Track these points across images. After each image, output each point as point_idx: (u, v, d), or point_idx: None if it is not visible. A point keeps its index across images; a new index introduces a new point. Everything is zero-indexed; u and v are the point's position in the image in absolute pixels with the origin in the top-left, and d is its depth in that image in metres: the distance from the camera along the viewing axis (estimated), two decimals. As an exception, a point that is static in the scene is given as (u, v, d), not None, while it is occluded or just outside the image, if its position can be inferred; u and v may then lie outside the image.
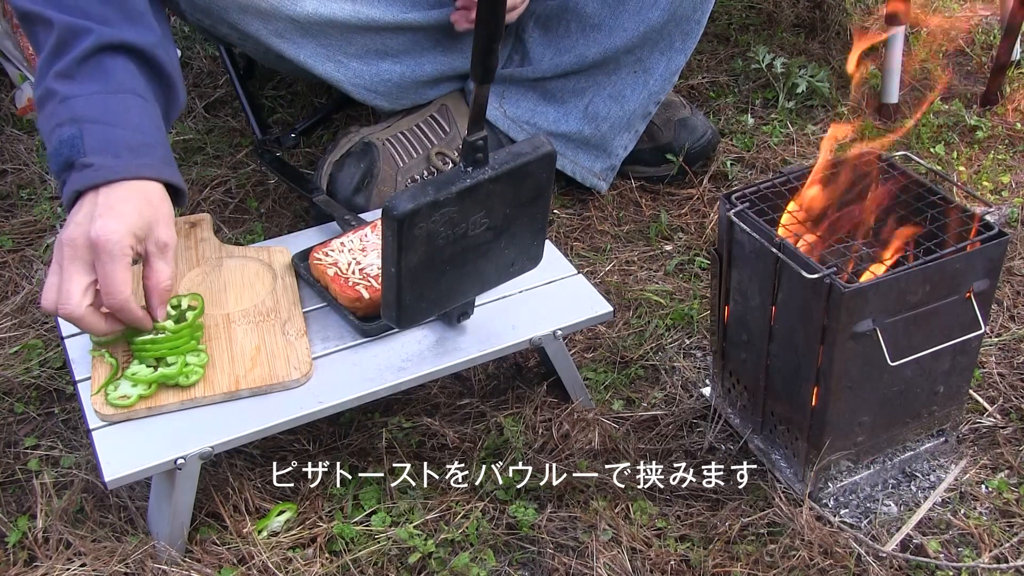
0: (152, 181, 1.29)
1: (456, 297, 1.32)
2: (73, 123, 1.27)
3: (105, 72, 1.31)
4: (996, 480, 1.40)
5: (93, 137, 1.27)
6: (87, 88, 1.29)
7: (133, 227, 1.24)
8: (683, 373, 1.58)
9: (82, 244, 1.22)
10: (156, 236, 1.27)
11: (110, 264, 1.22)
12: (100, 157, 1.26)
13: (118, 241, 1.22)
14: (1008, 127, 2.11)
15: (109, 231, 1.21)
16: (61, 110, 1.28)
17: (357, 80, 1.78)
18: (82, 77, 1.30)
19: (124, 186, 1.26)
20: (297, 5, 1.64)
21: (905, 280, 1.23)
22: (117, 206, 1.24)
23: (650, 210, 1.92)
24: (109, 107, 1.30)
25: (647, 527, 1.34)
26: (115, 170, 1.26)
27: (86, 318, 1.24)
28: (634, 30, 1.80)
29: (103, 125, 1.28)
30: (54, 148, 1.27)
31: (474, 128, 1.18)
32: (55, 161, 1.28)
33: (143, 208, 1.26)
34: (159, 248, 1.28)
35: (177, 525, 1.29)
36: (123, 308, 1.24)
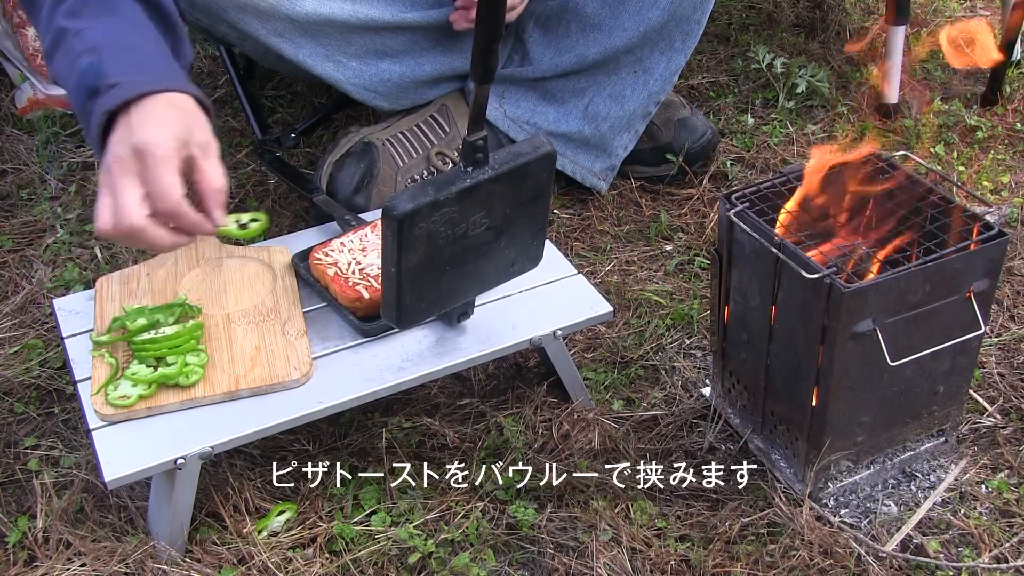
0: (181, 93, 1.24)
1: (456, 297, 1.32)
2: (91, 52, 1.23)
3: (114, 7, 1.29)
4: (996, 480, 1.40)
5: (114, 60, 1.23)
6: (100, 21, 1.26)
7: (175, 131, 1.20)
8: (683, 373, 1.58)
9: (128, 156, 1.18)
10: (197, 139, 1.22)
11: (155, 168, 1.17)
12: (126, 76, 1.22)
13: (161, 143, 1.18)
14: (1008, 127, 2.11)
15: (151, 135, 1.17)
16: (76, 43, 1.25)
17: (357, 80, 1.78)
18: (91, 12, 1.27)
19: (155, 99, 1.22)
20: (296, 4, 1.64)
21: (905, 280, 1.23)
22: (154, 114, 1.20)
23: (650, 210, 1.92)
24: (124, 34, 1.27)
25: (647, 527, 1.34)
26: (144, 84, 1.22)
27: (147, 229, 1.18)
28: (634, 30, 1.80)
29: (122, 49, 1.25)
30: (76, 81, 1.24)
31: (474, 128, 1.18)
32: (78, 94, 1.24)
33: (179, 114, 1.22)
34: (203, 150, 1.22)
35: (177, 525, 1.29)
36: (176, 211, 1.19)
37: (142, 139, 1.17)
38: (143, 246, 1.21)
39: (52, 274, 1.78)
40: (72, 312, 1.44)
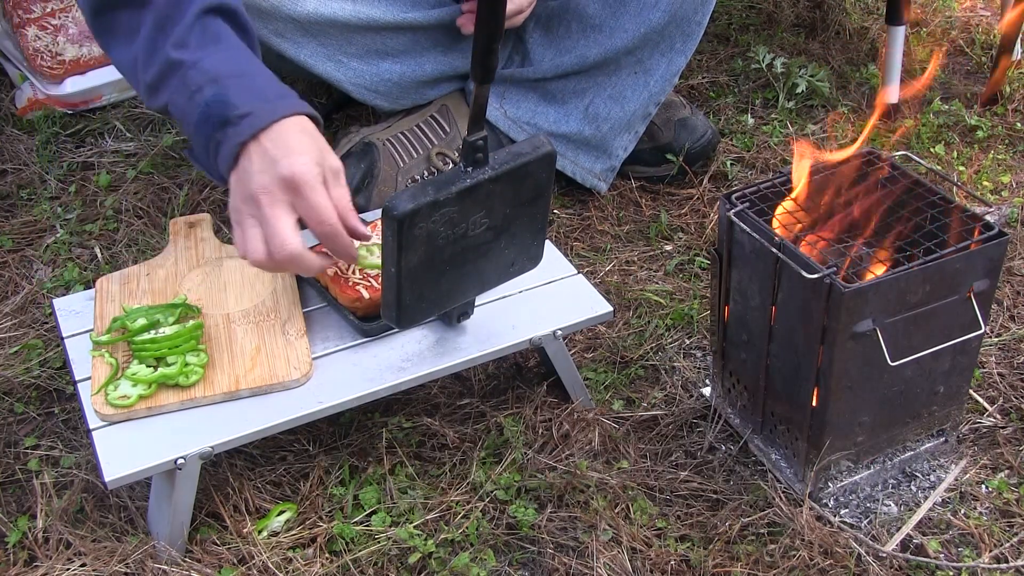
0: (301, 116, 1.29)
1: (456, 297, 1.32)
2: (212, 83, 1.27)
3: (217, 34, 1.31)
4: (996, 480, 1.40)
5: (237, 90, 1.27)
6: (208, 50, 1.29)
7: (315, 157, 1.25)
8: (683, 373, 1.58)
9: (277, 186, 1.22)
10: (330, 163, 1.27)
11: (311, 195, 1.23)
12: (253, 105, 1.26)
13: (310, 170, 1.23)
14: (1008, 127, 2.11)
15: (300, 164, 1.22)
16: (194, 75, 1.28)
17: (357, 80, 1.78)
18: (199, 42, 1.30)
19: (282, 125, 1.26)
20: (297, 5, 1.64)
21: (905, 280, 1.23)
22: (291, 143, 1.25)
23: (650, 210, 1.92)
24: (237, 62, 1.31)
25: (647, 527, 1.34)
26: (273, 111, 1.26)
27: (305, 256, 1.24)
28: (635, 31, 1.80)
29: (240, 77, 1.29)
30: (200, 113, 1.27)
31: (474, 128, 1.18)
32: (205, 127, 1.27)
33: (311, 140, 1.27)
34: (334, 174, 1.27)
35: (177, 525, 1.29)
36: (335, 233, 1.25)
37: (292, 169, 1.23)
38: (294, 271, 1.29)
39: (52, 274, 1.78)
40: (72, 312, 1.44)
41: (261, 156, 1.24)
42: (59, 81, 2.15)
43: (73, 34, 2.18)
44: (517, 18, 1.77)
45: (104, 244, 1.84)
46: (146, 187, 1.95)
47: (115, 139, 2.11)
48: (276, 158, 1.23)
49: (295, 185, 1.22)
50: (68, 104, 2.17)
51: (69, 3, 2.20)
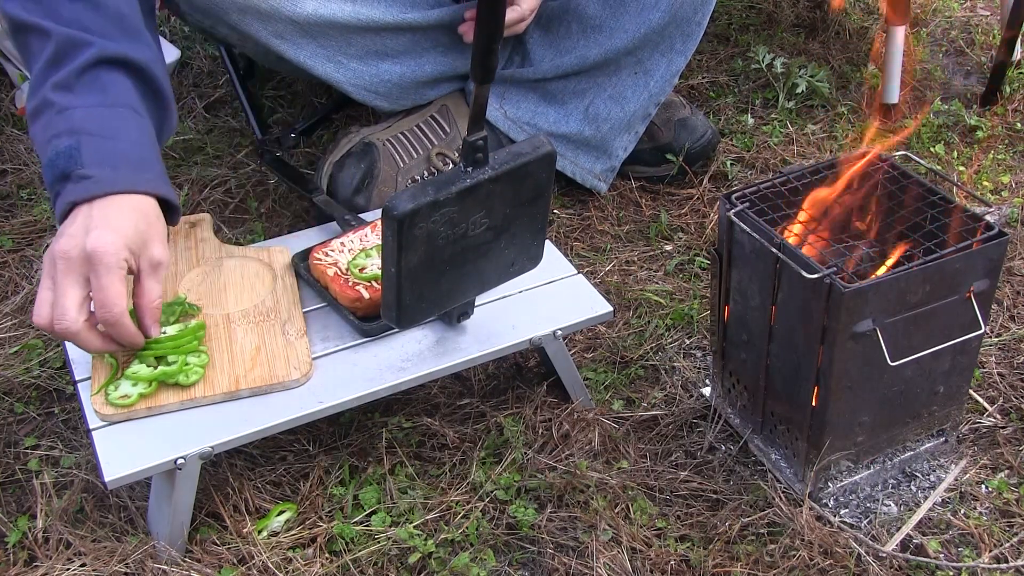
0: (148, 196, 1.26)
1: (456, 297, 1.32)
2: (71, 134, 1.24)
3: (104, 86, 1.29)
4: (996, 480, 1.40)
5: (91, 149, 1.24)
6: (86, 100, 1.27)
7: (128, 240, 1.21)
8: (683, 373, 1.58)
9: (76, 256, 1.19)
10: (150, 253, 1.24)
11: (106, 276, 1.19)
12: (98, 169, 1.23)
13: (114, 253, 1.19)
14: (1008, 127, 2.11)
15: (105, 243, 1.19)
16: (58, 121, 1.26)
17: (357, 81, 1.78)
18: (81, 89, 1.27)
19: (120, 200, 1.23)
20: (297, 6, 1.64)
21: (905, 280, 1.23)
22: (112, 219, 1.21)
23: (650, 210, 1.92)
24: (107, 120, 1.28)
25: (647, 527, 1.34)
26: (114, 182, 1.23)
27: (82, 334, 1.21)
28: (635, 31, 1.80)
29: (101, 138, 1.26)
30: (49, 159, 1.25)
31: (474, 128, 1.18)
32: (50, 172, 1.25)
33: (139, 222, 1.23)
34: (151, 266, 1.25)
35: (177, 525, 1.29)
36: (117, 323, 1.22)
37: (96, 244, 1.19)
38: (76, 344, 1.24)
39: (52, 274, 1.78)
40: (72, 312, 1.43)
41: (82, 223, 1.21)
42: (59, 81, 2.15)
43: (73, 34, 2.18)
44: (519, 25, 1.77)
45: (104, 244, 1.84)
46: (146, 187, 1.95)
47: (115, 139, 2.11)
48: (88, 229, 1.20)
49: (92, 262, 1.19)
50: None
51: (69, 3, 2.20)
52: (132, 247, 1.22)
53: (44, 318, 1.21)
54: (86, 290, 1.21)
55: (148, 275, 1.25)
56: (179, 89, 2.27)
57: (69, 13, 1.30)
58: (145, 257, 1.24)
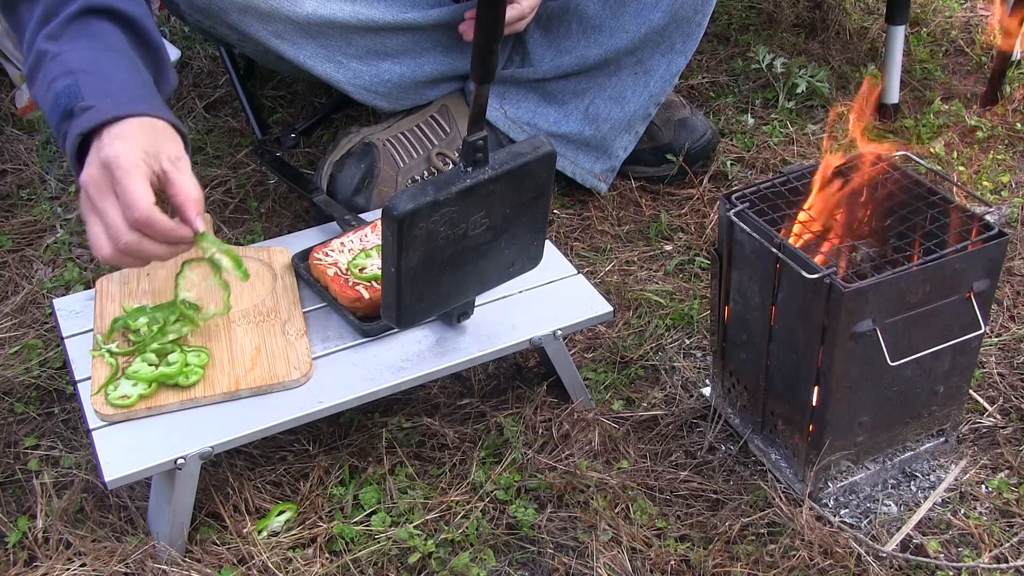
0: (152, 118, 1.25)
1: (456, 297, 1.32)
2: (68, 74, 1.24)
3: (93, 32, 1.29)
4: (996, 480, 1.40)
5: (89, 84, 1.24)
6: (77, 44, 1.27)
7: (141, 144, 1.20)
8: (683, 373, 1.58)
9: (100, 176, 1.18)
10: (167, 152, 1.22)
11: (124, 178, 1.17)
12: (99, 100, 1.22)
13: (127, 154, 1.18)
14: (1008, 127, 2.11)
15: (116, 149, 1.18)
16: (53, 66, 1.26)
17: (357, 81, 1.78)
18: (71, 36, 1.27)
19: (128, 121, 1.22)
20: (297, 6, 1.64)
21: (905, 280, 1.23)
22: (123, 133, 1.20)
23: (650, 210, 1.92)
24: (101, 61, 1.27)
25: (647, 527, 1.34)
26: (117, 106, 1.22)
27: (144, 244, 1.19)
28: (635, 32, 1.80)
29: (97, 74, 1.25)
30: (52, 102, 1.25)
31: (474, 128, 1.18)
32: (54, 115, 1.25)
33: (148, 131, 1.22)
34: (173, 163, 1.22)
35: (177, 525, 1.29)
36: (148, 220, 1.17)
37: (108, 153, 1.18)
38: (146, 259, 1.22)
39: (52, 274, 1.78)
40: (72, 312, 1.44)
41: (95, 148, 1.21)
42: (59, 81, 2.15)
43: (73, 34, 2.18)
44: (519, 24, 1.77)
45: (104, 244, 1.84)
46: (146, 187, 1.95)
47: (115, 139, 2.11)
48: (102, 146, 1.19)
49: (110, 169, 1.17)
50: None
51: (69, 3, 2.20)
52: (147, 148, 1.20)
53: (105, 247, 1.19)
54: None
55: (174, 172, 1.22)
56: (179, 89, 2.27)
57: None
58: (164, 157, 1.22)
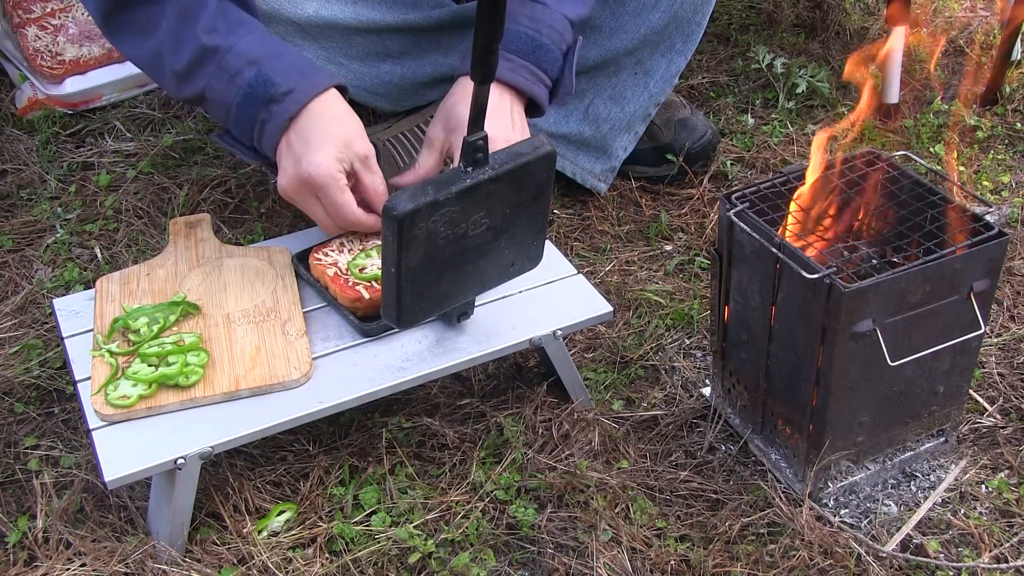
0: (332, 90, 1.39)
1: (456, 297, 1.32)
2: (251, 65, 1.35)
3: (240, 19, 1.39)
4: (996, 480, 1.40)
5: (275, 69, 1.36)
6: (239, 34, 1.37)
7: (334, 153, 1.35)
8: (683, 373, 1.58)
9: (301, 186, 1.37)
10: (355, 152, 1.38)
11: (330, 195, 1.36)
12: (291, 82, 1.35)
13: (327, 173, 1.35)
14: (1008, 127, 2.11)
15: (316, 165, 1.34)
16: (231, 59, 1.36)
17: (358, 82, 1.78)
18: (226, 27, 1.37)
19: (310, 113, 1.36)
20: (298, 8, 1.64)
21: (905, 280, 1.23)
22: (312, 139, 1.34)
23: (650, 210, 1.92)
24: (267, 42, 1.39)
25: (647, 527, 1.34)
26: (313, 86, 1.36)
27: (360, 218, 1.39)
28: (634, 32, 1.80)
29: (276, 57, 1.37)
30: (244, 95, 1.35)
31: (474, 128, 1.18)
32: (250, 106, 1.35)
33: (336, 129, 1.36)
34: (362, 162, 1.39)
35: (177, 525, 1.29)
36: (358, 223, 1.40)
37: (309, 171, 1.35)
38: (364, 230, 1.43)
39: (52, 274, 1.78)
40: (72, 312, 1.44)
41: (287, 153, 1.36)
42: (59, 81, 2.15)
43: (73, 34, 2.18)
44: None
45: (104, 244, 1.84)
46: (146, 187, 1.95)
47: (115, 139, 2.11)
48: (299, 156, 1.35)
49: (313, 187, 1.35)
50: (68, 104, 2.17)
51: (69, 3, 2.20)
52: (340, 156, 1.36)
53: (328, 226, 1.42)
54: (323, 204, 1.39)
55: (364, 172, 1.40)
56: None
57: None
58: (353, 157, 1.38)
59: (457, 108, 1.46)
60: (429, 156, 1.50)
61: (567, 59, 1.54)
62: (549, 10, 1.51)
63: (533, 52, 1.49)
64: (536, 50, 1.49)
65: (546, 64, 1.50)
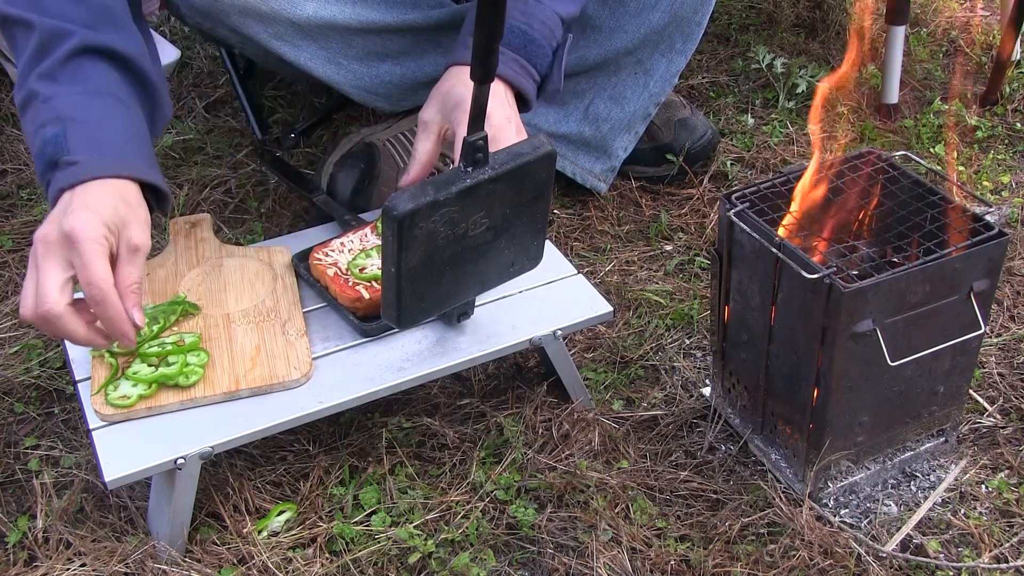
0: (131, 182, 1.25)
1: (456, 297, 1.32)
2: (57, 122, 1.24)
3: (87, 75, 1.29)
4: (996, 480, 1.40)
5: (76, 135, 1.24)
6: (70, 89, 1.27)
7: (106, 219, 1.19)
8: (683, 373, 1.58)
9: (55, 239, 1.18)
10: (128, 237, 1.21)
11: (87, 253, 1.17)
12: (84, 154, 1.23)
13: (92, 229, 1.17)
14: (1008, 127, 2.11)
15: (82, 221, 1.17)
16: (44, 110, 1.26)
17: (357, 82, 1.78)
18: (64, 78, 1.28)
19: (101, 184, 1.22)
20: (298, 8, 1.64)
21: (905, 280, 1.23)
22: (91, 201, 1.20)
23: (650, 210, 1.92)
24: (92, 107, 1.28)
25: (647, 527, 1.34)
26: (100, 167, 1.23)
27: (65, 317, 1.17)
28: (635, 32, 1.80)
29: (86, 124, 1.25)
30: (38, 149, 1.25)
31: (474, 128, 1.18)
32: (40, 161, 1.25)
33: (118, 206, 1.22)
34: (129, 250, 1.22)
35: (177, 525, 1.29)
36: (103, 298, 1.17)
37: (73, 223, 1.17)
38: (59, 336, 1.21)
39: (52, 274, 1.78)
40: (72, 312, 1.43)
41: (61, 208, 1.21)
42: (59, 81, 2.14)
43: (73, 34, 2.17)
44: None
45: (104, 244, 1.84)
46: (146, 187, 1.95)
47: (115, 139, 2.11)
48: (69, 211, 1.19)
49: (71, 241, 1.17)
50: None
51: (69, 3, 2.20)
52: (109, 225, 1.20)
53: (28, 307, 1.18)
54: (68, 273, 1.19)
55: (126, 260, 1.21)
56: (179, 89, 2.27)
57: (53, 5, 1.30)
58: (124, 240, 1.21)
59: (455, 90, 1.43)
60: (426, 140, 1.45)
61: (556, 56, 1.53)
62: (542, 6, 1.51)
63: (524, 47, 1.49)
64: (527, 44, 1.49)
65: (536, 59, 1.50)
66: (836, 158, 1.38)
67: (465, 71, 1.38)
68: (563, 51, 1.54)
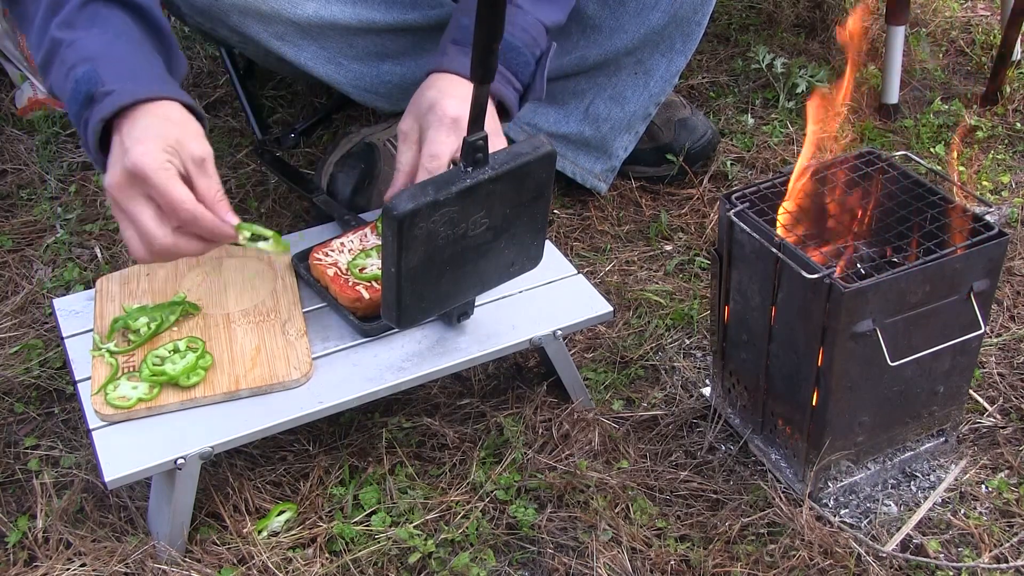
0: (171, 101, 1.27)
1: (456, 297, 1.32)
2: (86, 61, 1.26)
3: (105, 19, 1.30)
4: (996, 480, 1.40)
5: (108, 68, 1.25)
6: (92, 31, 1.29)
7: (162, 143, 1.21)
8: (683, 373, 1.58)
9: (125, 181, 1.20)
10: (190, 152, 1.24)
11: (160, 182, 1.20)
12: (119, 83, 1.24)
13: (153, 158, 1.20)
14: (1008, 127, 2.11)
15: (140, 154, 1.19)
16: (69, 54, 1.27)
17: (358, 82, 1.78)
18: (84, 23, 1.29)
19: (146, 110, 1.24)
20: (298, 8, 1.64)
21: (905, 280, 1.23)
22: (139, 133, 1.22)
23: (650, 210, 1.92)
24: (116, 47, 1.29)
25: (647, 527, 1.34)
26: (137, 91, 1.24)
27: (180, 244, 1.22)
28: (635, 32, 1.80)
29: (114, 59, 1.27)
30: (71, 90, 1.26)
31: (474, 128, 1.18)
32: (74, 104, 1.26)
33: (166, 126, 1.24)
34: (195, 164, 1.24)
35: (177, 525, 1.29)
36: (195, 217, 1.22)
37: (133, 160, 1.20)
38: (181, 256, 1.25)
39: (52, 274, 1.78)
40: (72, 312, 1.44)
41: (118, 146, 1.23)
42: (59, 81, 2.14)
43: (73, 34, 2.18)
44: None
45: (104, 244, 1.84)
46: (146, 187, 1.95)
47: (115, 139, 2.11)
48: (126, 149, 1.21)
49: (140, 176, 1.20)
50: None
51: (69, 3, 2.20)
52: (167, 148, 1.22)
53: (140, 252, 1.23)
54: (154, 204, 1.21)
55: (197, 174, 1.24)
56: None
57: None
58: (187, 156, 1.24)
59: (427, 94, 1.42)
60: (407, 150, 1.44)
61: (540, 64, 1.51)
62: (524, 13, 1.49)
63: (504, 54, 1.46)
64: (507, 52, 1.46)
65: (516, 67, 1.48)
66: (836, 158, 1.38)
67: (442, 77, 1.39)
68: (546, 59, 1.52)
